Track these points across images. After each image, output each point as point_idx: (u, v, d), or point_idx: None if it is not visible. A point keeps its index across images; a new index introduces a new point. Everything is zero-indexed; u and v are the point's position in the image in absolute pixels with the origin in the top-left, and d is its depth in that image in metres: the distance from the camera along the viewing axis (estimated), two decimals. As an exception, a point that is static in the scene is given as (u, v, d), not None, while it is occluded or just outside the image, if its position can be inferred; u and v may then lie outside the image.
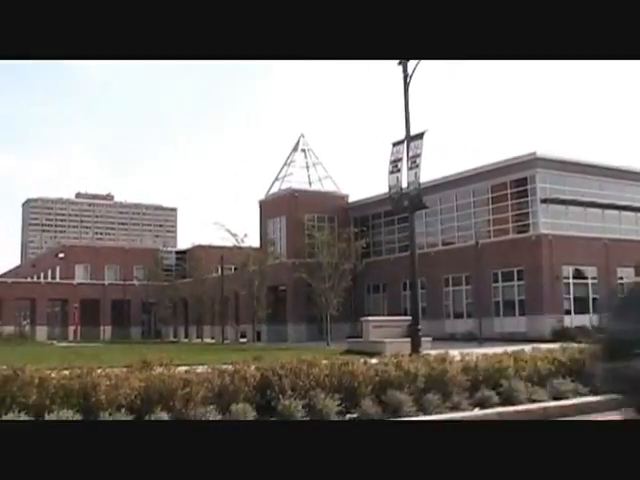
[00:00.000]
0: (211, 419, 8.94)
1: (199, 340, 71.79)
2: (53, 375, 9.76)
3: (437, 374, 12.36)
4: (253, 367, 11.21)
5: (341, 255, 50.76)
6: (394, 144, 25.67)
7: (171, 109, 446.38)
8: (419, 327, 23.77)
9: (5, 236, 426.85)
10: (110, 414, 9.05)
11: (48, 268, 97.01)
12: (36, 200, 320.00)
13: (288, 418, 10.18)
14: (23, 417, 8.69)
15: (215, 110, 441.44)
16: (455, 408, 11.90)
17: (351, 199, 67.04)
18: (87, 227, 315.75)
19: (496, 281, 50.40)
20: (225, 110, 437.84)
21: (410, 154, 24.46)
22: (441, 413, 11.46)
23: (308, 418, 10.30)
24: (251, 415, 9.99)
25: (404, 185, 25.33)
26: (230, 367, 11.08)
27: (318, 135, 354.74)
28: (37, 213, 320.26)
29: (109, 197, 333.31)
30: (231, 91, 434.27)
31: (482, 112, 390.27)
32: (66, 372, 9.97)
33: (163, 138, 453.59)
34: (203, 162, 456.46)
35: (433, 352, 15.21)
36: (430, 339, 29.36)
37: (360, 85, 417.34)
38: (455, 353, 14.18)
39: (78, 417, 8.94)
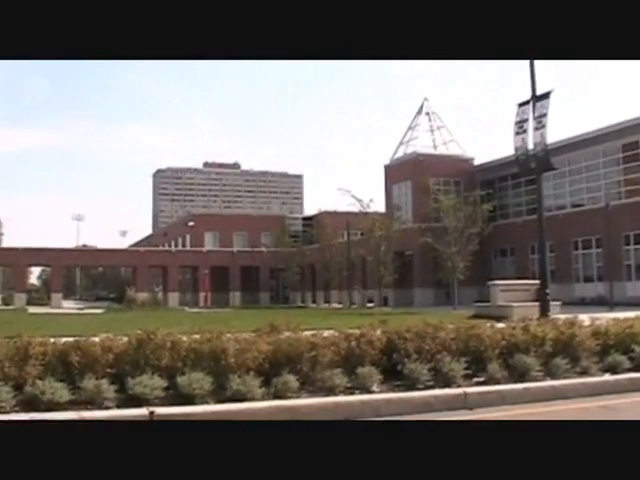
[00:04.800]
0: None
1: (326, 305, 72.45)
2: (184, 339, 10.08)
3: (565, 338, 12.20)
4: (379, 331, 11.29)
5: (467, 219, 50.32)
6: (519, 105, 25.25)
7: (294, 78, 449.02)
8: (547, 291, 23.46)
9: (138, 206, 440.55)
10: (239, 376, 9.30)
11: (179, 236, 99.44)
12: (165, 170, 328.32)
13: (414, 382, 10.26)
14: (156, 379, 9.01)
15: (338, 76, 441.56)
16: (584, 373, 11.76)
17: (477, 162, 66.13)
18: (215, 196, 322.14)
19: (627, 244, 48.76)
20: (349, 76, 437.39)
21: (536, 114, 24.02)
22: (569, 378, 11.34)
23: (432, 383, 10.36)
24: (377, 378, 10.11)
25: (530, 146, 24.92)
26: (356, 331, 11.20)
27: (442, 98, 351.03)
28: (167, 183, 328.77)
29: (236, 166, 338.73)
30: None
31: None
32: (196, 336, 10.27)
33: (288, 106, 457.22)
34: (328, 128, 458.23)
35: (562, 316, 14.96)
36: (559, 303, 28.85)
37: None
38: (584, 317, 13.93)
39: (209, 379, 9.20)
